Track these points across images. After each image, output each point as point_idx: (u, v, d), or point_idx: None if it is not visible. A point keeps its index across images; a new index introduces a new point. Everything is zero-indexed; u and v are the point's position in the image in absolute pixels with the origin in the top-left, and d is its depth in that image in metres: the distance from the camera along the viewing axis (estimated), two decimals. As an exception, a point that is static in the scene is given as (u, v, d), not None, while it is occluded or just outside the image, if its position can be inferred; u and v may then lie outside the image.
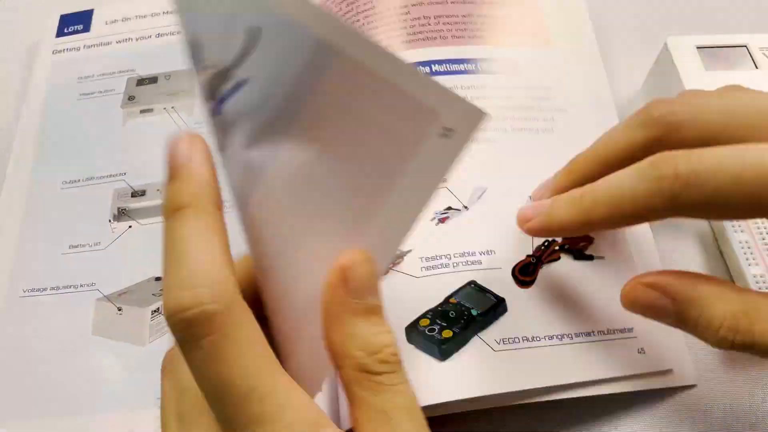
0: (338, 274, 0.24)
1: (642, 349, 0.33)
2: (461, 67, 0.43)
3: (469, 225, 0.36)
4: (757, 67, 0.42)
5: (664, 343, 0.34)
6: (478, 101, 0.38)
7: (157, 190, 0.42)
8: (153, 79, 0.46)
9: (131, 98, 0.45)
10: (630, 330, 0.34)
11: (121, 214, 0.41)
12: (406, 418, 0.23)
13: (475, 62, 0.43)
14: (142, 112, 0.45)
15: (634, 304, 0.29)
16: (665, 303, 0.28)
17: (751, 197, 0.24)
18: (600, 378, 0.32)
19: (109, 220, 0.41)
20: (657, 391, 0.34)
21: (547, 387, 0.32)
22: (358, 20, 0.45)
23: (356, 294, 0.24)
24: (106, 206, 0.41)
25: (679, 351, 0.34)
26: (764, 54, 0.43)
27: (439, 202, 0.36)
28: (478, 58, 0.43)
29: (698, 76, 0.41)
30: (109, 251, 0.39)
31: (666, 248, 0.38)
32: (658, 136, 0.29)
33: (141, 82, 0.46)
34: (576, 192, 0.30)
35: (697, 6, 0.52)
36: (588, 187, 0.29)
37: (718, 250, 0.38)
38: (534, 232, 0.32)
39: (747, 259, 0.36)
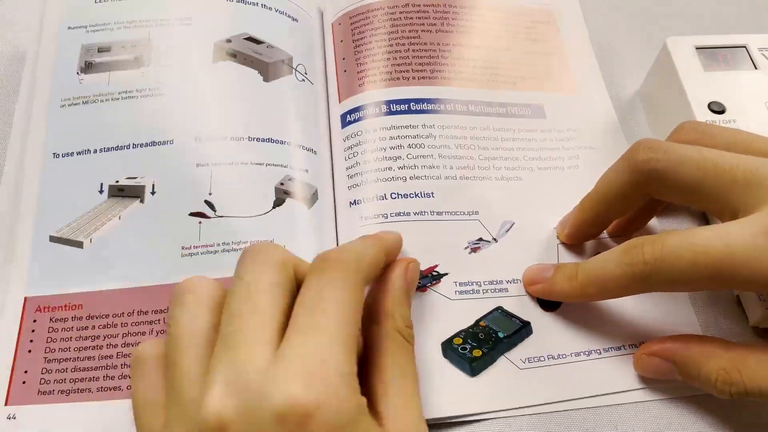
0: (404, 263, 0.34)
1: None
2: (492, 109, 0.46)
3: (498, 256, 0.40)
4: (756, 68, 0.44)
5: None
6: (505, 142, 0.43)
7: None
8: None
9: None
10: None
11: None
12: (411, 377, 0.31)
13: (505, 106, 0.47)
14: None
15: (644, 371, 0.35)
16: (669, 367, 0.34)
17: (708, 277, 0.30)
18: (631, 388, 0.36)
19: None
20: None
21: (570, 399, 0.36)
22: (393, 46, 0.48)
23: (409, 283, 0.34)
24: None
25: None
26: (763, 54, 0.44)
27: (472, 232, 0.41)
28: (508, 102, 0.47)
29: (697, 77, 0.43)
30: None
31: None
32: (643, 182, 0.34)
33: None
34: (572, 270, 0.35)
35: (697, 6, 0.53)
36: (581, 266, 0.35)
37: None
38: (536, 295, 0.38)
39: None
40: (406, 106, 0.45)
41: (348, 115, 0.45)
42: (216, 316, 0.29)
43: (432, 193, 0.41)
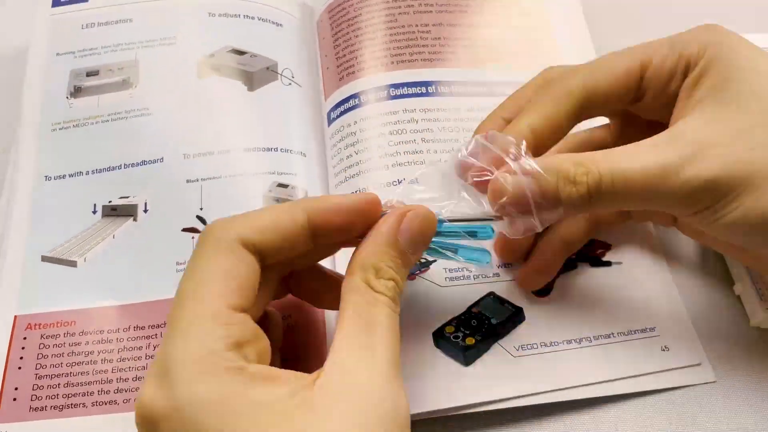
0: (401, 211, 0.30)
1: (666, 346, 0.36)
2: (477, 89, 0.45)
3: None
4: None
5: (688, 340, 0.37)
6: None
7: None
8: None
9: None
10: (652, 329, 0.37)
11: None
12: (381, 335, 0.27)
13: (490, 85, 0.46)
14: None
15: (500, 194, 0.30)
16: (528, 182, 0.30)
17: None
18: (621, 376, 0.35)
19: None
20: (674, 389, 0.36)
21: (566, 388, 0.35)
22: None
23: (403, 233, 0.30)
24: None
25: (698, 349, 0.36)
26: None
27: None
28: (493, 81, 0.46)
29: None
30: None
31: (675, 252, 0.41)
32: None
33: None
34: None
35: (698, 6, 0.53)
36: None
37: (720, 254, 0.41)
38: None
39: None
40: (385, 93, 0.44)
41: (332, 112, 0.45)
42: None
43: (416, 179, 0.40)
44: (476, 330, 0.36)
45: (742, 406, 0.35)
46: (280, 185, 0.42)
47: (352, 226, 0.30)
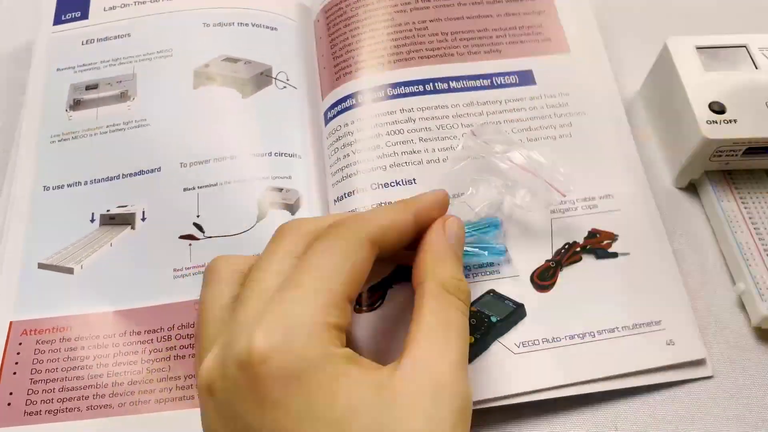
0: (442, 221, 0.33)
1: (671, 340, 0.36)
2: (476, 82, 0.45)
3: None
4: (756, 68, 0.42)
5: (692, 335, 0.36)
6: (492, 116, 0.42)
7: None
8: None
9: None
10: (658, 323, 0.36)
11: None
12: (455, 335, 0.29)
13: (490, 77, 0.45)
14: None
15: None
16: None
17: None
18: (626, 372, 0.35)
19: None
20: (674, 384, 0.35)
21: (568, 384, 0.34)
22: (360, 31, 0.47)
23: (450, 237, 0.33)
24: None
25: (700, 344, 0.36)
26: (764, 54, 0.43)
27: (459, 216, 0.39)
28: (493, 72, 0.45)
29: (698, 77, 0.42)
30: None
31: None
32: None
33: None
34: None
35: (697, 6, 0.53)
36: None
37: (718, 250, 0.40)
38: None
39: (746, 260, 0.38)
40: (381, 93, 0.44)
41: (328, 112, 0.45)
42: (239, 287, 0.31)
43: (414, 179, 0.40)
44: (476, 329, 0.35)
45: (742, 405, 0.35)
46: (275, 189, 0.42)
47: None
